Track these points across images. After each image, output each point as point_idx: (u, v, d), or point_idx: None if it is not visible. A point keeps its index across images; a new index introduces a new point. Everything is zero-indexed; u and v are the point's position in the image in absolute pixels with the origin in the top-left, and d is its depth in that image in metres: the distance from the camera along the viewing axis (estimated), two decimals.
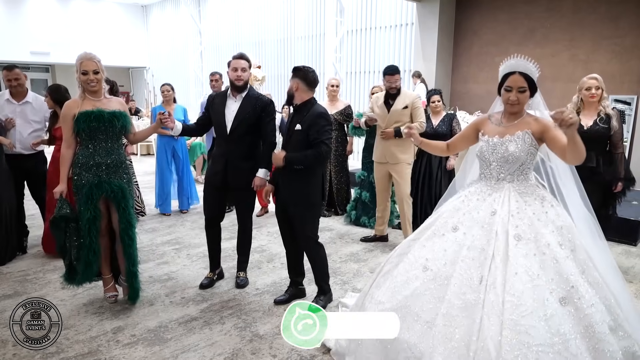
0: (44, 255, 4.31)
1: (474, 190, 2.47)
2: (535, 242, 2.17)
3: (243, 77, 3.31)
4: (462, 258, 2.23)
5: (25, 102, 4.25)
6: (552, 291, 2.05)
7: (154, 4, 16.16)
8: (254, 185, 3.38)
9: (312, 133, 3.06)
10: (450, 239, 2.34)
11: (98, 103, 3.06)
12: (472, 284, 2.14)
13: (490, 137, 2.42)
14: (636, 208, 5.11)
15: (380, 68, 9.83)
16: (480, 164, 2.51)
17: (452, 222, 2.39)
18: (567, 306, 2.03)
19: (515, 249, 2.15)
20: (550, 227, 2.22)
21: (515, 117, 2.41)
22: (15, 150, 4.21)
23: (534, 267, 2.09)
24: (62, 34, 14.37)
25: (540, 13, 7.43)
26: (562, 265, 2.10)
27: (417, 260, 2.38)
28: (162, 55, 16.03)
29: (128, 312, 3.22)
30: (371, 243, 4.77)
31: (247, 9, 12.79)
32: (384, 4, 9.61)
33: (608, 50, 6.85)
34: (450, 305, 2.13)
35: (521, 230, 2.20)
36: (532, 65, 2.32)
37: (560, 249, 2.15)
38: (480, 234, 2.26)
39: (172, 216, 5.74)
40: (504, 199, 2.32)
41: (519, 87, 2.31)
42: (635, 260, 4.35)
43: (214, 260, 3.73)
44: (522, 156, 2.33)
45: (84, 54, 3.04)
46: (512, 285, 2.05)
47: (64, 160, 3.11)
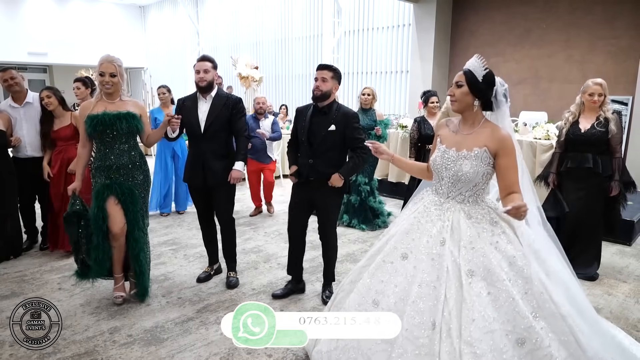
0: (42, 256, 4.32)
1: (423, 208, 2.30)
2: (488, 278, 2.02)
3: (206, 78, 3.36)
4: (412, 297, 2.07)
5: (26, 104, 4.22)
6: (507, 333, 1.94)
7: (151, 4, 16.17)
8: (231, 178, 3.44)
9: (350, 135, 3.18)
10: (400, 271, 2.18)
11: (111, 105, 3.11)
12: (425, 328, 2.00)
13: (447, 149, 2.23)
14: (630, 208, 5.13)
15: (378, 69, 9.93)
16: (434, 175, 2.34)
17: (402, 248, 2.24)
18: (523, 347, 1.92)
19: (469, 289, 1.99)
20: (503, 262, 2.05)
21: (471, 124, 2.22)
22: (26, 154, 4.22)
23: (488, 310, 1.96)
24: (59, 34, 14.39)
25: (537, 14, 7.47)
26: (518, 304, 1.96)
27: (367, 292, 2.26)
28: (160, 56, 16.05)
29: (124, 313, 3.23)
30: (367, 243, 4.78)
31: (244, 9, 12.81)
32: (381, 4, 9.65)
33: (604, 51, 6.89)
34: (402, 351, 2.00)
35: (474, 265, 2.04)
36: (478, 62, 2.14)
37: (513, 286, 2.00)
38: (430, 269, 2.10)
39: (169, 217, 5.75)
40: (454, 225, 2.16)
41: (457, 82, 2.19)
42: (630, 259, 4.38)
43: (212, 255, 3.81)
44: (476, 178, 2.16)
45: (106, 57, 3.10)
46: (470, 333, 1.91)
47: (79, 159, 3.24)
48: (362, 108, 5.24)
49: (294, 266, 3.50)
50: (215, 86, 3.48)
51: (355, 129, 3.20)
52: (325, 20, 10.10)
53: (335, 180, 3.16)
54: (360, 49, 10.20)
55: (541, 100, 7.49)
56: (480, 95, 2.16)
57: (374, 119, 5.18)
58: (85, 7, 15.15)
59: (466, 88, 2.15)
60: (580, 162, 3.75)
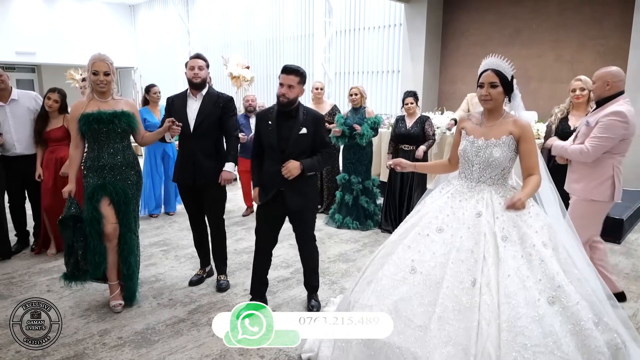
0: (30, 258, 4.27)
1: (454, 190, 2.48)
2: (521, 243, 2.20)
3: (200, 74, 3.34)
4: (452, 260, 2.21)
5: (11, 101, 4.15)
6: (540, 291, 2.08)
7: (141, 3, 16.05)
8: (222, 179, 3.40)
9: (318, 137, 3.05)
10: (437, 240, 2.32)
11: (104, 104, 3.09)
12: (465, 287, 2.13)
13: (476, 139, 2.43)
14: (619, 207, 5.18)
15: (369, 68, 9.93)
16: (462, 162, 2.52)
17: (437, 223, 2.38)
18: (555, 305, 2.06)
19: (504, 251, 2.17)
20: (534, 228, 2.25)
21: (495, 116, 2.43)
22: (15, 152, 4.16)
23: (522, 269, 2.12)
24: (48, 33, 14.21)
25: (526, 14, 7.51)
26: (547, 265, 2.14)
27: (403, 262, 2.34)
28: (150, 56, 15.93)
29: (115, 315, 3.19)
30: (359, 243, 4.78)
31: (235, 8, 12.76)
32: (372, 4, 9.66)
33: (593, 51, 6.95)
34: (444, 309, 2.11)
35: (507, 232, 2.23)
36: (504, 63, 2.36)
37: (544, 249, 2.19)
38: (467, 235, 2.26)
39: (159, 217, 5.70)
40: (487, 201, 2.34)
41: (490, 82, 2.35)
42: (620, 257, 4.42)
43: (203, 258, 3.77)
44: (505, 162, 2.38)
45: (98, 55, 3.08)
46: (506, 287, 2.07)
47: (72, 161, 3.18)
48: (353, 107, 5.25)
49: (258, 288, 3.27)
50: (206, 85, 3.45)
51: (323, 133, 3.12)
52: (316, 19, 10.08)
53: (293, 167, 2.90)
54: (351, 49, 10.20)
55: (531, 100, 7.52)
56: (509, 92, 2.39)
57: (363, 117, 5.18)
58: (74, 6, 14.98)
59: (500, 88, 2.35)
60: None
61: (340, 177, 5.35)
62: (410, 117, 5.04)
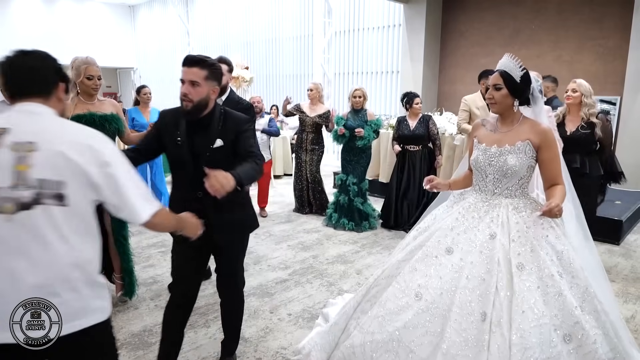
0: None
1: (468, 205, 2.27)
2: (537, 272, 2.00)
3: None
4: (460, 289, 2.02)
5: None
6: (556, 328, 1.92)
7: (141, 4, 16.05)
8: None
9: (243, 149, 2.22)
10: (445, 264, 2.12)
11: (91, 106, 3.12)
12: (474, 320, 1.96)
13: (488, 147, 2.23)
14: (619, 207, 5.18)
15: (368, 69, 9.91)
16: (475, 174, 2.32)
17: (446, 242, 2.19)
18: (570, 343, 1.92)
19: (519, 281, 1.97)
20: (551, 254, 2.05)
21: (510, 121, 2.23)
22: None
23: (538, 303, 1.94)
24: (47, 34, 14.20)
25: (526, 14, 7.51)
26: (565, 299, 1.96)
27: (408, 285, 2.17)
28: (150, 56, 15.93)
29: (112, 316, 3.17)
30: (357, 244, 4.77)
31: (235, 9, 12.75)
32: (371, 5, 9.65)
33: (592, 52, 6.94)
34: (451, 344, 1.95)
35: (523, 258, 2.02)
36: (513, 63, 2.16)
37: (562, 280, 2.00)
38: (479, 261, 2.06)
39: None
40: (503, 220, 2.14)
41: (495, 85, 2.18)
42: (618, 259, 4.41)
43: None
44: (522, 171, 2.17)
45: (90, 59, 3.09)
46: (519, 325, 1.89)
47: None
48: (354, 109, 5.24)
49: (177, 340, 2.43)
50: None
51: (247, 139, 2.25)
52: (315, 20, 10.06)
53: (224, 180, 1.85)
54: (350, 49, 10.19)
55: None
56: (518, 95, 2.18)
57: (365, 120, 5.17)
58: (73, 7, 14.98)
59: (505, 90, 2.17)
60: (568, 163, 3.77)
61: (339, 177, 5.37)
62: (413, 118, 5.03)
